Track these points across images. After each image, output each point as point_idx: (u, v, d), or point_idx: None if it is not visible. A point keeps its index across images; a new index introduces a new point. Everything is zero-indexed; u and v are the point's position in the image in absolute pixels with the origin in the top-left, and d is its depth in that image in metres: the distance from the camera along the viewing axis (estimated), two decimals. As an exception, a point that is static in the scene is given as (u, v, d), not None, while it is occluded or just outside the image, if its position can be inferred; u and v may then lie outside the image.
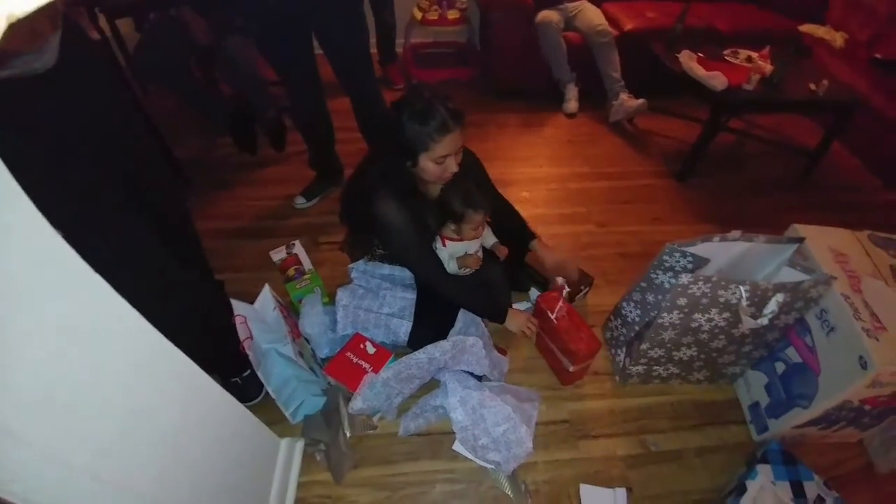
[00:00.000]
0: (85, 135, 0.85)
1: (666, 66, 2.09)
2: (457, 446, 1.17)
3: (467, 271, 1.32)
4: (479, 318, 1.27)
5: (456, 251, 1.29)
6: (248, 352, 1.06)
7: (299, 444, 1.16)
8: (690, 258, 1.08)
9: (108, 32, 2.13)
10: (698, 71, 1.93)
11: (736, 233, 1.10)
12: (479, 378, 1.22)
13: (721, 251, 1.11)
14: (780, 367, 1.17)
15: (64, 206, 0.77)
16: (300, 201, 1.87)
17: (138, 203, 0.94)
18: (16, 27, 0.33)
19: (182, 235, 1.19)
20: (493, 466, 1.13)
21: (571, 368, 1.24)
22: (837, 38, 2.47)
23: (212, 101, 2.03)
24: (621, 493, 1.10)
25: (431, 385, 1.23)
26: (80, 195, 0.82)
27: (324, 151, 1.84)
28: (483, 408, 1.13)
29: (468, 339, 1.14)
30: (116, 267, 0.59)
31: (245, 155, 2.10)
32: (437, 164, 1.07)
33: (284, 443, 1.12)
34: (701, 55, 2.06)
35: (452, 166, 1.09)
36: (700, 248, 1.09)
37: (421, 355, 1.11)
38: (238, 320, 1.10)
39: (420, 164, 1.08)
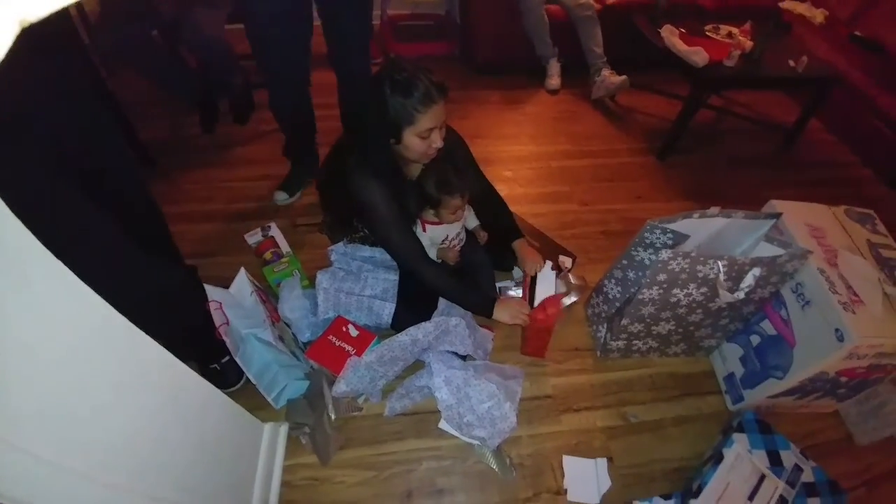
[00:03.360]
0: (36, 114, 0.79)
1: (648, 41, 2.07)
2: (442, 424, 1.17)
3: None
4: None
5: (437, 235, 1.27)
6: (224, 337, 1.04)
7: (283, 428, 1.15)
8: (671, 235, 1.09)
9: (73, 10, 1.98)
10: (680, 46, 1.91)
11: (715, 209, 1.11)
12: (464, 357, 1.22)
13: (700, 227, 1.12)
14: (755, 339, 1.20)
15: (16, 189, 0.72)
16: (282, 197, 1.71)
17: (94, 188, 0.88)
18: None
19: (145, 220, 1.14)
20: (478, 442, 1.14)
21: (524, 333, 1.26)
22: (817, 15, 2.48)
23: (178, 75, 1.93)
24: (602, 463, 1.13)
25: (416, 366, 1.23)
26: (27, 180, 0.76)
27: (305, 142, 1.74)
28: (468, 386, 1.13)
29: (451, 320, 1.13)
30: (73, 254, 0.56)
31: (214, 136, 2.01)
32: (422, 138, 1.03)
33: (268, 427, 1.11)
34: (683, 30, 2.05)
35: (437, 141, 1.06)
36: (680, 225, 1.09)
37: (404, 337, 1.10)
38: (213, 306, 1.07)
39: (404, 141, 1.04)
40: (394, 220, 1.12)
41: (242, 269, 1.20)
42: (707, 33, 2.11)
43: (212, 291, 1.08)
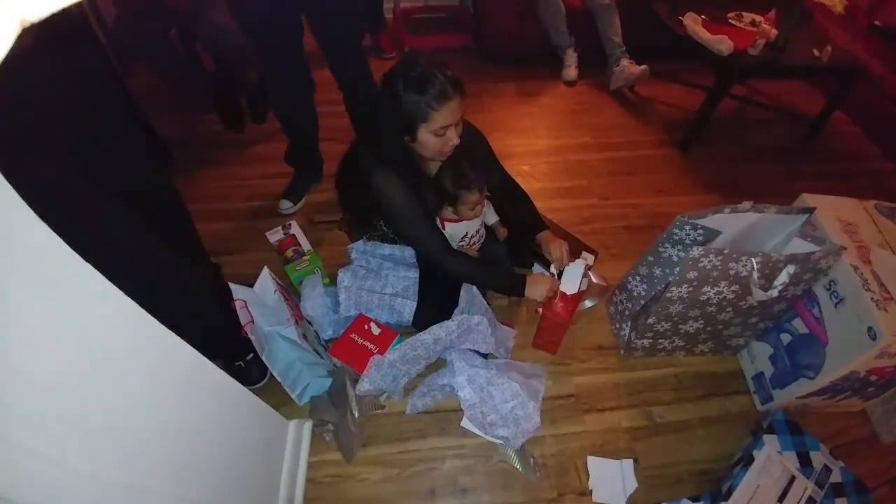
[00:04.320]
0: (53, 112, 0.79)
1: (669, 29, 2.02)
2: (465, 423, 1.17)
3: None
4: (480, 295, 1.25)
5: (456, 233, 1.26)
6: (250, 336, 1.04)
7: (307, 426, 1.15)
8: (701, 231, 1.06)
9: (88, 8, 1.98)
10: (703, 34, 1.86)
11: (747, 203, 1.08)
12: (485, 356, 1.21)
13: (731, 222, 1.09)
14: (785, 338, 1.17)
15: (38, 190, 0.73)
16: (286, 206, 1.68)
17: (115, 185, 0.88)
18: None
19: (168, 216, 1.14)
20: (501, 442, 1.14)
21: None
22: (837, 4, 2.39)
23: (194, 75, 1.93)
24: (628, 464, 1.12)
25: (438, 364, 1.22)
26: (56, 182, 0.77)
27: (308, 147, 1.72)
28: (491, 385, 1.12)
29: (473, 318, 1.12)
30: (96, 253, 0.55)
31: (231, 133, 2.01)
32: (437, 136, 1.01)
33: (293, 424, 1.11)
34: (705, 18, 1.99)
35: (454, 138, 1.04)
36: (711, 220, 1.06)
37: (426, 336, 1.09)
38: (238, 304, 1.07)
39: (419, 139, 1.02)
40: (415, 214, 1.11)
41: (266, 268, 1.20)
42: (730, 21, 2.05)
43: (237, 290, 1.08)
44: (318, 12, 1.37)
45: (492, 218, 1.39)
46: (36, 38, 0.71)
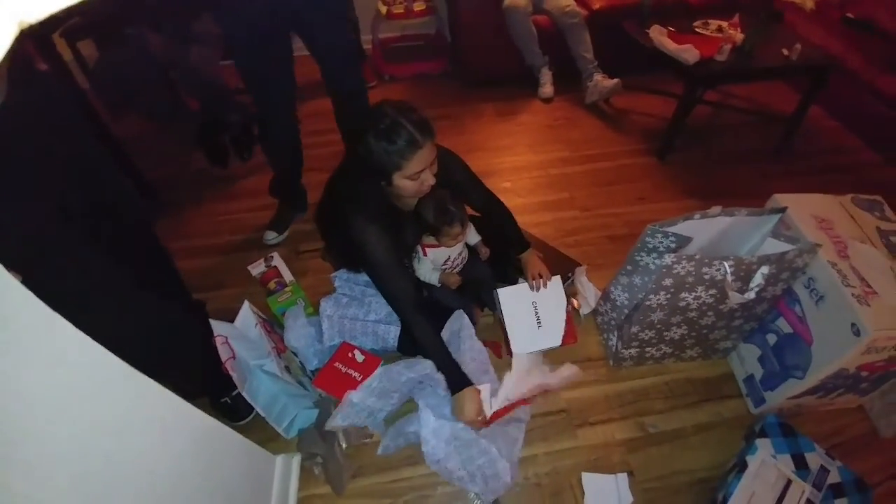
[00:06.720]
0: (38, 171, 0.81)
1: (638, 43, 2.07)
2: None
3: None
4: (467, 322, 1.23)
5: (439, 258, 1.27)
6: (231, 372, 1.04)
7: (296, 460, 1.14)
8: (673, 238, 1.07)
9: (70, 56, 2.04)
10: (669, 45, 1.91)
11: (716, 208, 1.09)
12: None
13: (703, 228, 1.10)
14: (771, 338, 1.16)
15: (19, 246, 0.74)
16: (272, 236, 1.72)
17: (99, 234, 0.90)
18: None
19: (148, 258, 1.15)
20: (472, 495, 1.07)
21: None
22: (807, 1, 2.46)
23: (179, 116, 1.98)
24: (623, 478, 1.10)
25: (413, 405, 1.17)
26: (36, 233, 0.78)
27: (292, 178, 1.75)
28: (457, 440, 1.07)
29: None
30: (78, 301, 0.56)
31: (217, 170, 2.05)
32: (412, 180, 1.02)
33: (280, 459, 1.10)
34: (671, 29, 2.04)
35: (429, 179, 1.04)
36: (682, 227, 1.07)
37: (397, 367, 1.08)
38: (219, 340, 1.07)
39: (395, 183, 1.03)
40: (388, 268, 1.10)
41: (246, 302, 1.20)
42: (696, 30, 2.10)
43: (217, 326, 1.08)
44: (305, 24, 1.40)
45: (473, 238, 1.40)
46: (10, 100, 0.74)
